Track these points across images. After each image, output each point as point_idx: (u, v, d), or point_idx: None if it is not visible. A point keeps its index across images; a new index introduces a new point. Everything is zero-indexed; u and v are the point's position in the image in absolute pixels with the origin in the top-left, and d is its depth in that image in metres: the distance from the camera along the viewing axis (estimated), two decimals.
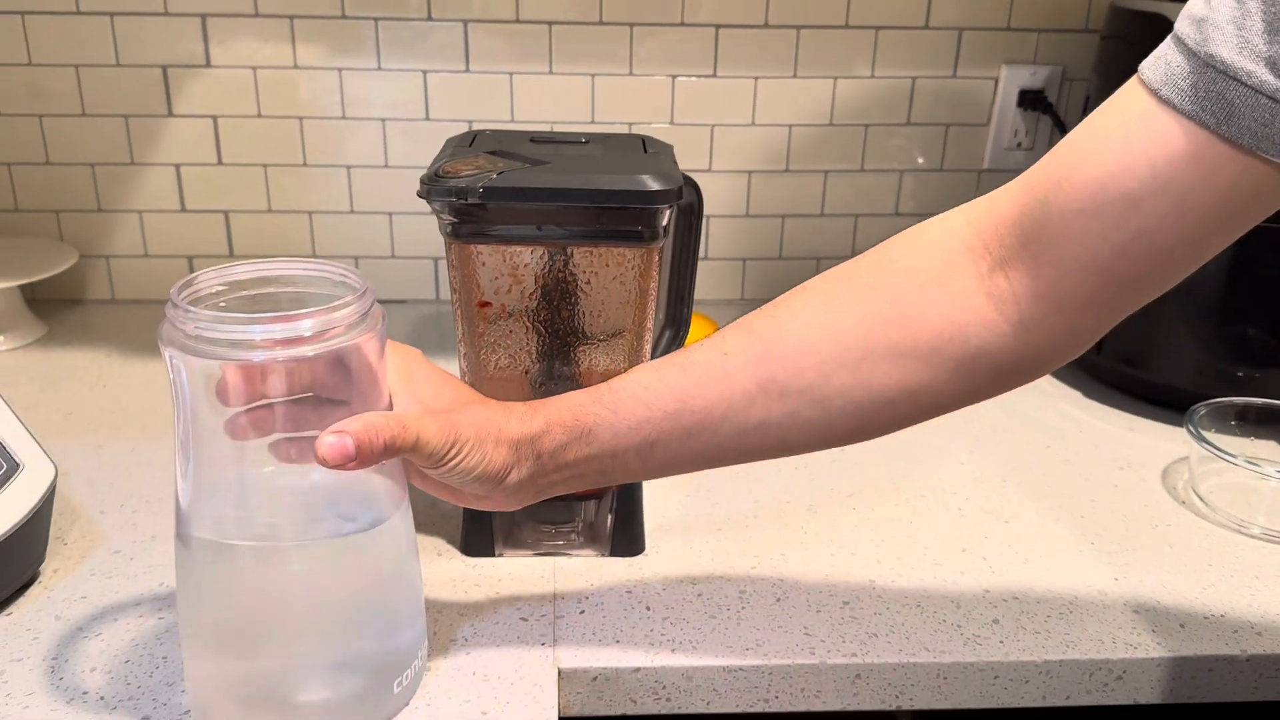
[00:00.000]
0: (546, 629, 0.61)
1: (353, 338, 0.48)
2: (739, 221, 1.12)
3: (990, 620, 0.64)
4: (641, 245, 0.62)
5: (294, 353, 0.47)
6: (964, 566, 0.69)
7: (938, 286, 0.53)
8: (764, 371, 0.54)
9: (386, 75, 1.04)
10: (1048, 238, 0.50)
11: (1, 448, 0.61)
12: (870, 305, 0.54)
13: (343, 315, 0.48)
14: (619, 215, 0.61)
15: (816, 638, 0.61)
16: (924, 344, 0.53)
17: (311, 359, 0.47)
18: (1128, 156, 0.47)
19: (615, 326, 0.64)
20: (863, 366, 0.53)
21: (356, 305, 0.49)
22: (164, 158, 1.05)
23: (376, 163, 1.07)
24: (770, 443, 0.55)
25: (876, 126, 1.10)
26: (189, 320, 0.46)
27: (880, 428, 0.56)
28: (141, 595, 0.63)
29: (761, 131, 1.09)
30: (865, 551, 0.70)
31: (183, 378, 0.47)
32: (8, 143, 1.03)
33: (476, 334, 0.63)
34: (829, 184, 1.12)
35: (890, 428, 0.56)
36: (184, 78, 1.02)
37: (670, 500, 0.75)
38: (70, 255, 1.01)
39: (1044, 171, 0.51)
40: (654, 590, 0.65)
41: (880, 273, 0.56)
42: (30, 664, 0.57)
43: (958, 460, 0.83)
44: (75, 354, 0.98)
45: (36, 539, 0.62)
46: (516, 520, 0.69)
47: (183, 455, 0.49)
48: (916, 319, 0.53)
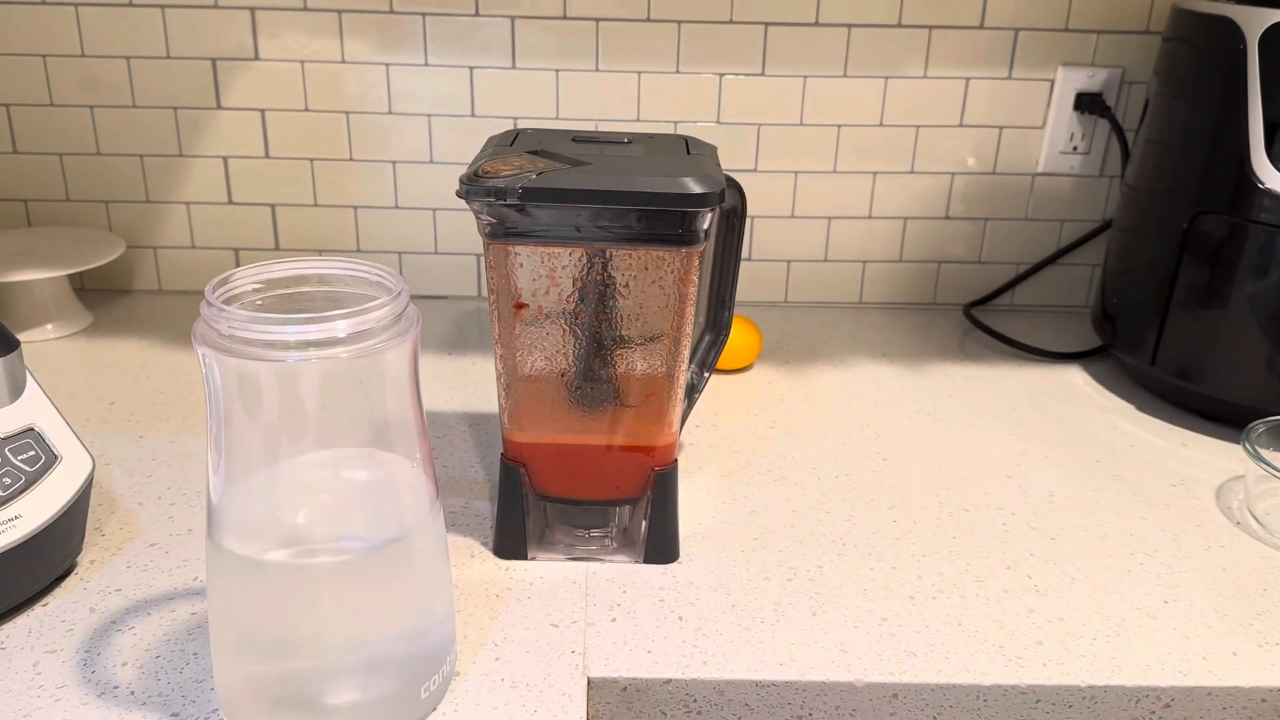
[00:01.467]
0: (577, 636, 0.61)
1: (388, 339, 0.48)
2: (784, 223, 1.11)
3: (1034, 641, 0.62)
4: (681, 248, 0.61)
5: (328, 353, 0.46)
6: (1007, 584, 0.67)
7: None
8: None
9: (433, 71, 1.04)
10: None
11: (40, 439, 0.61)
12: None
13: (378, 316, 0.47)
14: (659, 218, 0.60)
15: (853, 654, 0.60)
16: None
17: (345, 361, 0.47)
18: None
19: (654, 330, 0.63)
20: None
21: (392, 306, 0.48)
22: (212, 150, 1.05)
23: (422, 158, 1.07)
24: None
25: (928, 128, 1.08)
26: (223, 319, 0.46)
27: None
28: (175, 589, 0.64)
29: (809, 131, 1.07)
30: (906, 566, 0.69)
31: (215, 377, 0.47)
32: (60, 133, 1.04)
33: (513, 335, 0.63)
34: (877, 186, 1.10)
35: None
36: (233, 71, 1.03)
37: (706, 507, 0.74)
38: (118, 246, 1.02)
39: None
40: (687, 600, 0.64)
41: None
42: (63, 656, 0.58)
43: (1004, 473, 0.81)
44: (120, 344, 0.98)
45: (73, 531, 0.63)
46: (550, 523, 0.68)
47: (215, 453, 0.49)
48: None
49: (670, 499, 0.67)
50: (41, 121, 1.04)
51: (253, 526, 0.50)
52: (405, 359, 0.50)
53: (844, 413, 0.90)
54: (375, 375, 0.49)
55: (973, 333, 1.09)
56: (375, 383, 0.49)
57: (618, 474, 0.66)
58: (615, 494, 0.67)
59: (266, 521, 0.50)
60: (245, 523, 0.50)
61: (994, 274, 1.14)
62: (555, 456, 0.65)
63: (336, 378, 0.48)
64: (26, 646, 0.58)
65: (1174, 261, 0.88)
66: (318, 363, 0.46)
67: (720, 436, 0.85)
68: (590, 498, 0.67)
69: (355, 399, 0.49)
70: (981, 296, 1.14)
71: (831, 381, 0.96)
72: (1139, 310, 0.93)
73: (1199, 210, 0.86)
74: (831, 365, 1.00)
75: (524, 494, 0.66)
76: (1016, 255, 1.13)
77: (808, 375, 0.98)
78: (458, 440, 0.83)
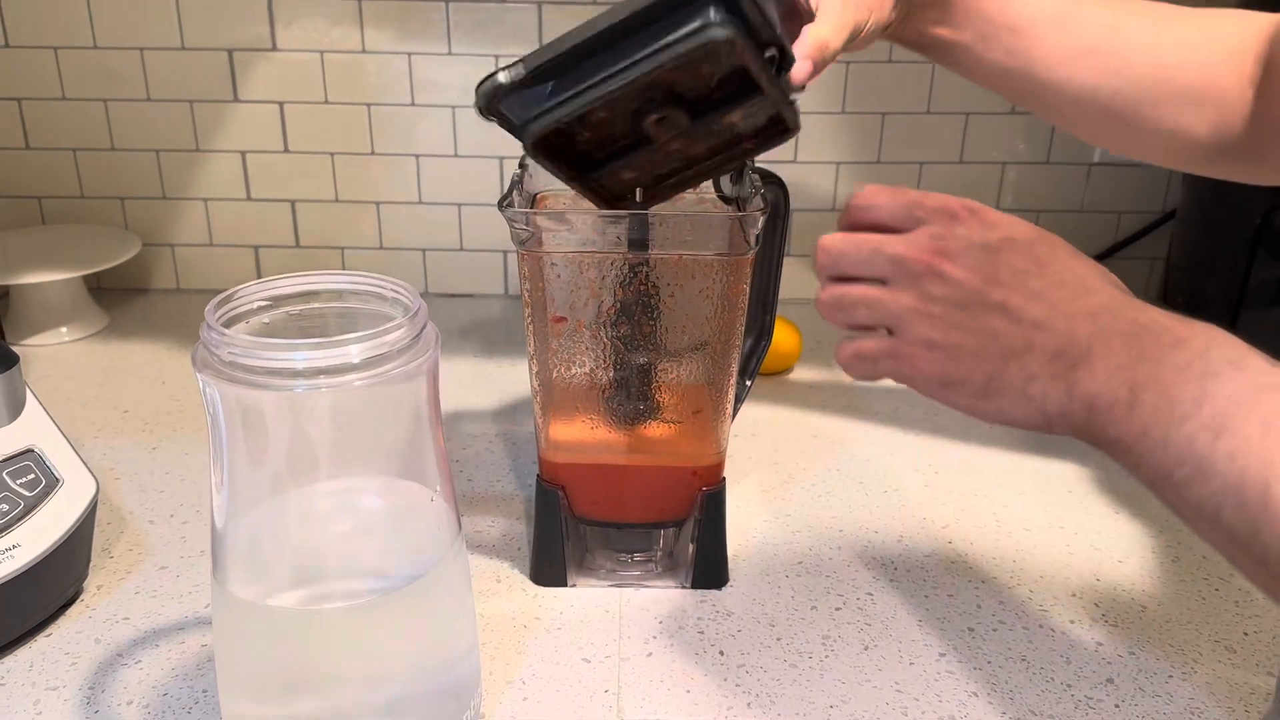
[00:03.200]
0: (610, 673, 0.56)
1: (405, 364, 0.43)
2: (826, 216, 1.06)
3: (1103, 680, 0.57)
4: (730, 255, 0.56)
5: (339, 381, 0.42)
6: (1073, 614, 0.62)
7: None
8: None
9: (457, 60, 0.99)
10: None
11: (41, 461, 0.58)
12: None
13: (394, 339, 0.43)
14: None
15: (909, 695, 0.55)
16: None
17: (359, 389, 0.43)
18: None
19: (698, 340, 0.59)
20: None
21: (409, 327, 0.44)
22: (229, 144, 1.02)
23: (446, 151, 1.02)
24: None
25: (978, 115, 1.02)
26: (224, 345, 0.42)
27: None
28: (185, 618, 0.60)
29: (852, 120, 1.02)
30: (963, 594, 0.64)
31: (217, 405, 0.43)
32: (74, 128, 1.01)
33: (549, 350, 0.58)
34: (924, 176, 1.04)
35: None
36: (250, 61, 0.99)
37: (746, 525, 0.70)
38: (134, 245, 0.98)
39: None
40: (728, 632, 0.60)
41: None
42: (65, 694, 0.54)
43: (1064, 488, 0.76)
44: (136, 346, 0.95)
45: (76, 557, 0.59)
46: (590, 548, 0.64)
47: (217, 486, 0.45)
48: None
49: (719, 520, 0.63)
50: (54, 116, 1.01)
51: (259, 565, 0.46)
52: (424, 384, 0.46)
53: (889, 421, 0.86)
54: (392, 402, 0.45)
55: None
56: (391, 410, 0.45)
57: (663, 495, 0.61)
58: (660, 516, 0.62)
59: (274, 559, 0.47)
60: (251, 561, 0.46)
61: None
62: (596, 478, 0.61)
63: (349, 406, 0.44)
64: (27, 682, 0.55)
65: (1246, 257, 0.83)
66: (329, 391, 0.42)
67: (760, 447, 0.81)
68: (633, 520, 0.63)
69: (370, 427, 0.45)
70: None
71: (876, 386, 0.91)
72: (1207, 309, 0.87)
73: (1275, 204, 0.80)
74: None
75: (563, 518, 0.62)
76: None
77: (850, 380, 0.93)
78: (485, 453, 0.79)
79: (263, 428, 0.44)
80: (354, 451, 0.45)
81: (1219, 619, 0.62)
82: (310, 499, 0.46)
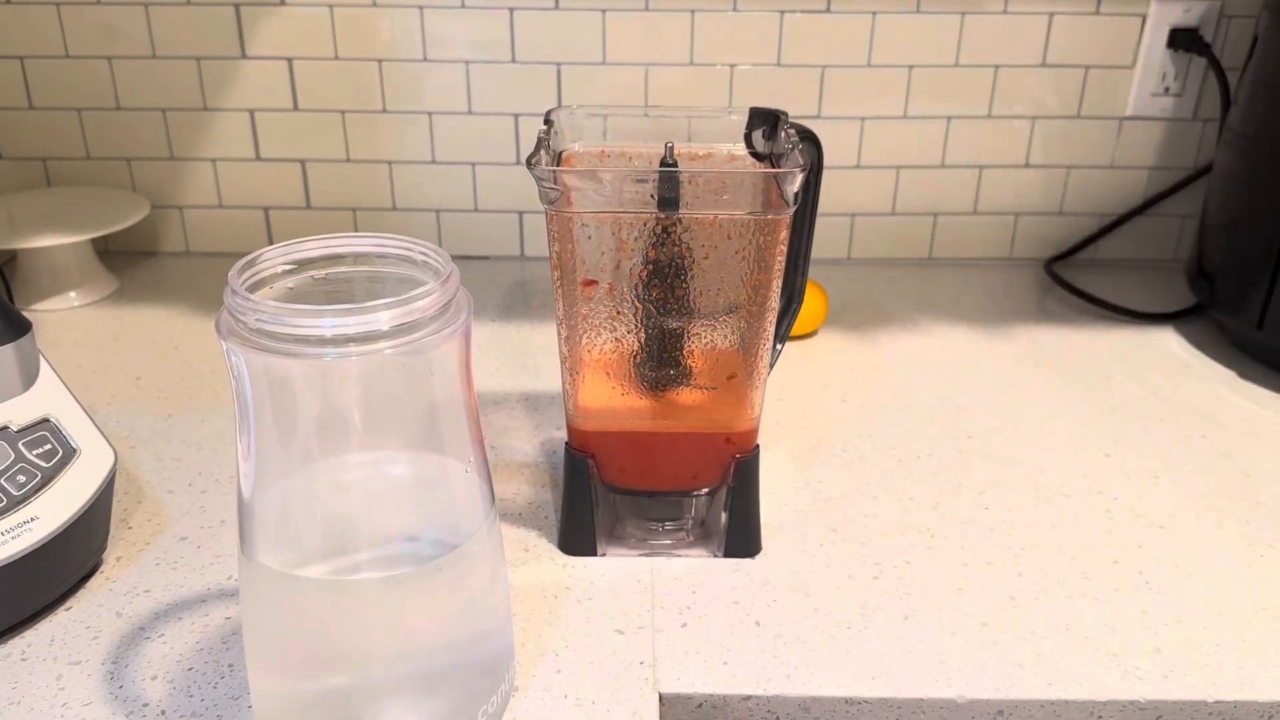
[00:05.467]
0: (645, 645, 0.55)
1: (436, 330, 0.42)
2: (849, 173, 1.03)
3: (1151, 649, 0.56)
4: (768, 213, 0.54)
5: (369, 349, 0.40)
6: (1117, 581, 0.61)
7: None
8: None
9: (470, 13, 0.96)
10: None
11: (57, 431, 0.56)
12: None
13: (425, 305, 0.41)
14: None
15: (953, 666, 0.54)
16: None
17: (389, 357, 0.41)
18: None
19: (732, 303, 0.57)
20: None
21: (440, 293, 0.42)
22: (237, 103, 0.99)
23: (459, 109, 1.00)
24: None
25: (1007, 68, 0.99)
26: (250, 311, 0.40)
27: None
28: (207, 590, 0.59)
29: (878, 73, 0.99)
30: (1003, 561, 0.62)
31: (243, 374, 0.41)
32: (78, 87, 0.98)
33: (578, 315, 0.56)
34: (951, 131, 1.02)
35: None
36: (257, 16, 0.96)
37: (777, 493, 0.68)
38: (142, 207, 0.96)
39: None
40: (763, 602, 0.58)
41: None
42: (89, 668, 0.53)
43: (1102, 451, 0.74)
44: (147, 311, 0.93)
45: (95, 530, 0.58)
46: (620, 516, 0.62)
47: (244, 456, 0.43)
48: None
49: (752, 488, 0.61)
50: (58, 75, 0.98)
51: (288, 537, 0.45)
52: (456, 351, 0.44)
53: (919, 383, 0.84)
54: (423, 370, 0.43)
55: (1053, 290, 1.01)
56: (423, 378, 0.43)
57: (695, 462, 0.60)
58: (692, 484, 0.61)
59: (304, 531, 0.45)
60: (280, 532, 0.44)
61: (1076, 226, 1.06)
62: (626, 446, 0.59)
63: (380, 374, 0.42)
64: (49, 656, 0.54)
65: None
66: (358, 359, 0.40)
67: (788, 412, 0.79)
68: (665, 489, 0.61)
69: (401, 396, 0.43)
70: (1062, 251, 1.06)
71: (904, 348, 0.89)
72: (1244, 268, 0.85)
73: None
74: (903, 329, 0.93)
75: (592, 486, 0.60)
76: (1100, 206, 1.05)
77: (877, 341, 0.91)
78: (510, 420, 0.77)
79: (291, 396, 0.42)
80: (385, 420, 0.43)
81: (1266, 586, 0.61)
82: (341, 469, 0.44)
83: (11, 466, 0.54)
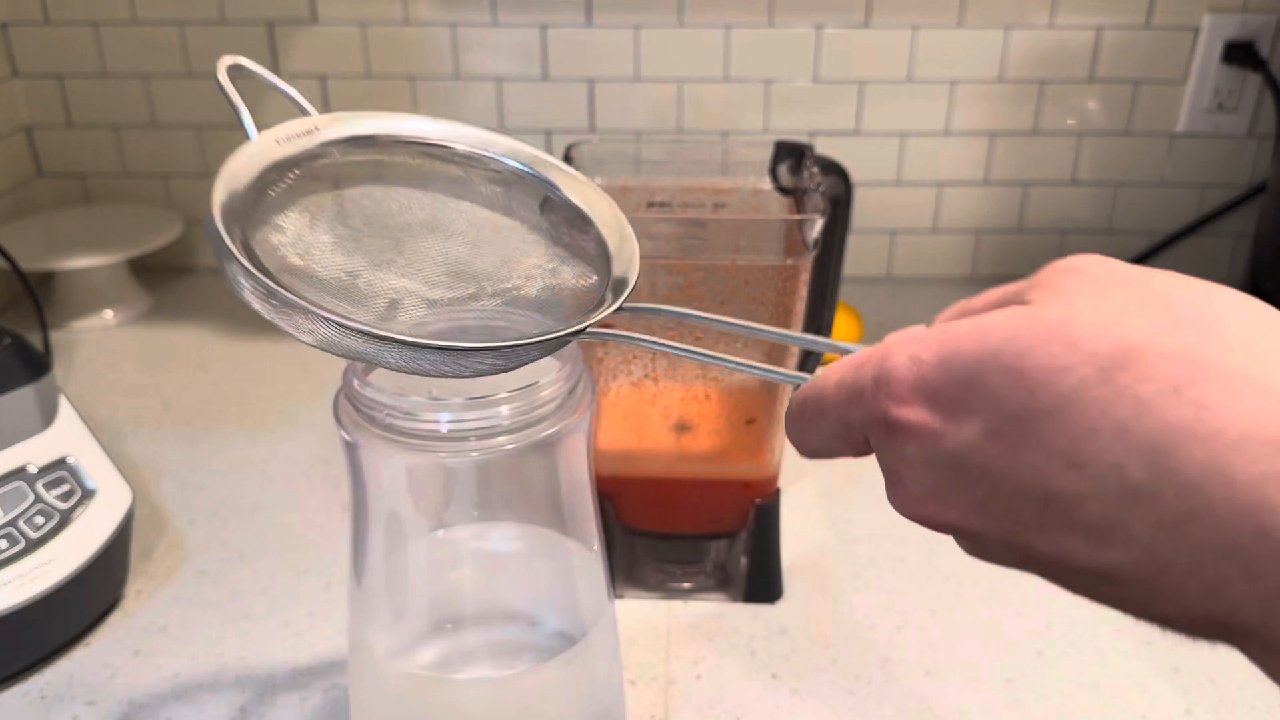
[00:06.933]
0: (658, 696, 0.54)
1: (559, 421, 0.39)
2: (888, 190, 1.01)
3: (1182, 711, 0.54)
4: (786, 259, 0.52)
5: (489, 445, 0.38)
6: (1148, 634, 0.59)
7: None
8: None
9: (502, 30, 0.95)
10: None
11: (75, 472, 0.56)
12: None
13: (547, 396, 0.39)
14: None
15: None
16: None
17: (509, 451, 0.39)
18: None
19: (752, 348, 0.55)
20: None
21: (563, 384, 0.39)
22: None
23: (491, 125, 0.99)
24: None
25: (1054, 84, 0.96)
26: (374, 406, 0.38)
27: None
28: (224, 628, 0.59)
29: (919, 89, 0.97)
30: (1032, 612, 0.60)
31: (360, 461, 0.40)
32: (115, 104, 0.99)
33: (595, 359, 0.55)
34: (995, 148, 0.99)
35: None
36: (290, 34, 0.96)
37: (801, 533, 0.67)
38: (176, 225, 0.97)
39: None
40: (781, 652, 0.57)
41: None
42: (104, 708, 0.53)
43: None
44: (180, 330, 0.94)
45: (113, 569, 0.58)
46: (638, 558, 0.61)
47: (358, 536, 0.42)
48: None
49: (772, 534, 0.60)
50: (95, 93, 0.99)
51: (397, 614, 0.43)
52: (580, 440, 0.42)
53: None
54: (547, 459, 0.41)
55: None
56: (547, 464, 0.42)
57: (714, 508, 0.59)
58: (711, 528, 0.60)
59: (414, 608, 0.43)
60: (389, 609, 0.43)
61: (1125, 244, 1.02)
62: (645, 490, 0.58)
63: (499, 463, 0.40)
64: (67, 696, 0.54)
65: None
66: (477, 454, 0.38)
67: None
68: (683, 531, 0.60)
69: (523, 478, 0.42)
70: None
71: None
72: None
73: None
74: None
75: (610, 528, 0.59)
76: (1151, 224, 1.02)
77: None
78: None
79: (406, 481, 0.41)
80: (504, 498, 0.42)
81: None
82: (455, 544, 0.43)
83: (30, 509, 0.54)
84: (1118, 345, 0.24)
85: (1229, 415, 0.23)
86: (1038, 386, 0.24)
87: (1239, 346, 0.24)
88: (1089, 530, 0.24)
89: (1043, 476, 0.25)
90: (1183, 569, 0.23)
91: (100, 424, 0.77)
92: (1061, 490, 0.24)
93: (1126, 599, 0.26)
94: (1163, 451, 0.23)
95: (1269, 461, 0.22)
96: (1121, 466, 0.23)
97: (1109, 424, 0.23)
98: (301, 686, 0.54)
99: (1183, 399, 0.23)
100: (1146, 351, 0.24)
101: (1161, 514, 0.23)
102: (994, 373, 0.25)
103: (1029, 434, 0.25)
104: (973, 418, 0.26)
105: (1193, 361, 0.23)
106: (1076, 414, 0.24)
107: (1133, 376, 0.24)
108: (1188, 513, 0.23)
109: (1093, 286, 0.26)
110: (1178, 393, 0.23)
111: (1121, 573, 0.25)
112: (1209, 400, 0.23)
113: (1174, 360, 0.24)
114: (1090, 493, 0.24)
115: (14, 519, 0.53)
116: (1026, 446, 0.25)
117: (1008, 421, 0.25)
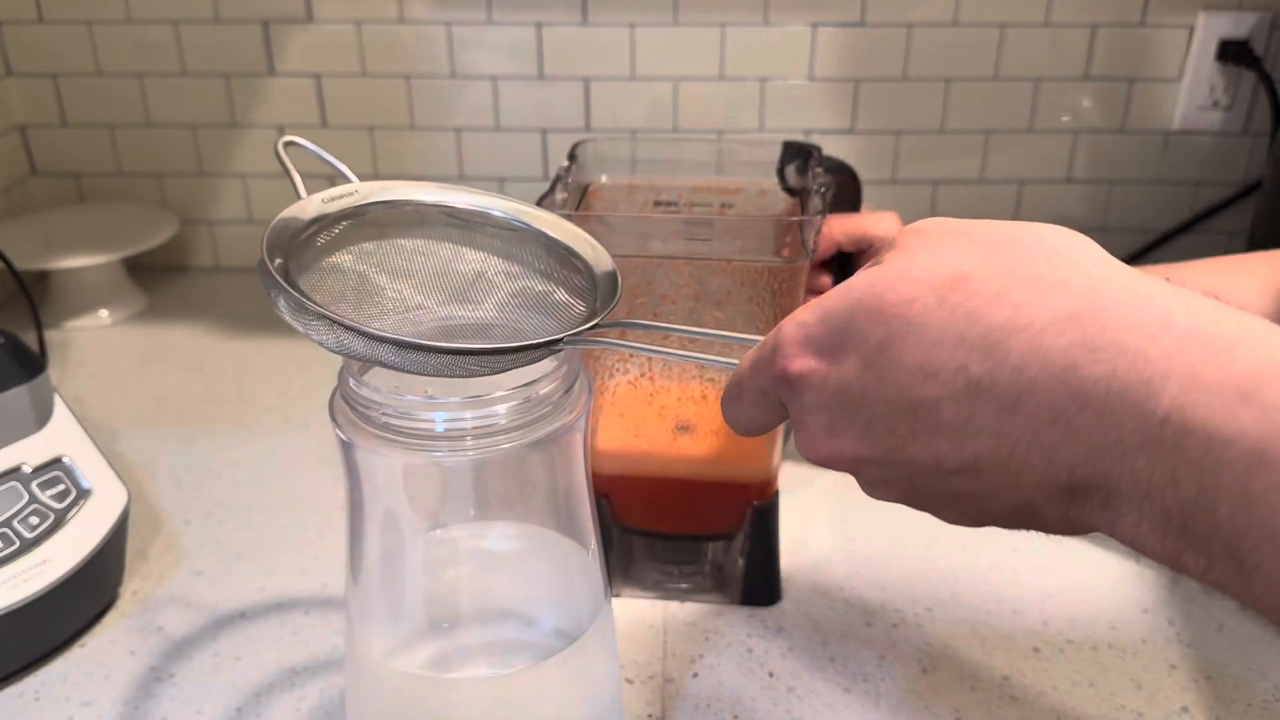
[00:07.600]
0: (654, 696, 0.54)
1: (557, 419, 0.39)
2: (884, 188, 1.01)
3: (1178, 708, 0.54)
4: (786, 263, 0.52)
5: (486, 444, 0.38)
6: (1145, 632, 0.59)
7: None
8: None
9: (498, 29, 0.95)
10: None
11: (70, 472, 0.56)
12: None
13: (545, 395, 0.39)
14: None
15: None
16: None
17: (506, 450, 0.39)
18: None
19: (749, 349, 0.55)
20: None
21: (560, 381, 0.40)
22: (266, 119, 0.99)
23: (486, 124, 0.99)
24: None
25: (1048, 81, 0.96)
26: (371, 405, 0.38)
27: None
28: (219, 629, 0.59)
29: (913, 87, 0.97)
30: (1030, 609, 0.60)
31: (356, 462, 0.40)
32: (110, 103, 0.99)
33: (592, 355, 0.55)
34: (990, 146, 0.99)
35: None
36: (285, 33, 0.96)
37: (800, 535, 0.67)
38: (172, 224, 0.96)
39: None
40: (778, 652, 0.57)
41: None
42: (99, 709, 0.53)
43: None
44: (175, 329, 0.94)
45: (108, 569, 0.58)
46: (635, 558, 0.61)
47: (354, 538, 0.42)
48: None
49: (770, 536, 0.60)
50: (90, 92, 0.99)
51: (393, 612, 0.44)
52: (577, 438, 0.42)
53: None
54: (544, 456, 0.41)
55: None
56: (545, 462, 0.42)
57: (712, 509, 0.59)
58: (709, 529, 0.59)
59: (409, 606, 0.44)
60: (384, 609, 0.43)
61: (1120, 242, 1.02)
62: (642, 490, 0.58)
63: (497, 462, 0.40)
64: (61, 697, 0.54)
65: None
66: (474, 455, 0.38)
67: None
68: (680, 532, 0.60)
69: (520, 476, 0.42)
70: None
71: None
72: None
73: None
74: None
75: (607, 527, 0.59)
76: (1146, 221, 1.02)
77: None
78: None
79: (403, 480, 0.41)
80: (501, 496, 0.43)
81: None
82: (452, 542, 0.43)
83: (25, 509, 0.54)
84: (949, 274, 0.30)
85: (1039, 308, 0.29)
86: (892, 319, 0.30)
87: (1045, 260, 0.30)
88: (950, 429, 0.30)
89: (906, 391, 0.30)
90: (1025, 445, 0.29)
91: (95, 423, 0.77)
92: (923, 398, 0.30)
93: (995, 491, 0.31)
94: (992, 347, 0.29)
95: (1071, 334, 0.28)
96: (965, 367, 0.29)
97: (950, 335, 0.29)
98: (298, 686, 0.54)
99: (1002, 303, 0.29)
100: (971, 274, 0.30)
101: (1000, 399, 0.29)
102: (859, 317, 0.31)
103: (891, 358, 0.30)
104: (849, 356, 0.31)
105: (1008, 274, 0.29)
106: (923, 333, 0.30)
107: (963, 295, 0.29)
108: (1018, 393, 0.28)
109: (930, 240, 0.32)
110: (998, 299, 0.29)
111: (983, 463, 0.30)
112: (1022, 300, 0.29)
113: (992, 277, 0.30)
114: (944, 395, 0.30)
115: (9, 519, 0.53)
116: (890, 369, 0.30)
117: (875, 352, 0.31)
